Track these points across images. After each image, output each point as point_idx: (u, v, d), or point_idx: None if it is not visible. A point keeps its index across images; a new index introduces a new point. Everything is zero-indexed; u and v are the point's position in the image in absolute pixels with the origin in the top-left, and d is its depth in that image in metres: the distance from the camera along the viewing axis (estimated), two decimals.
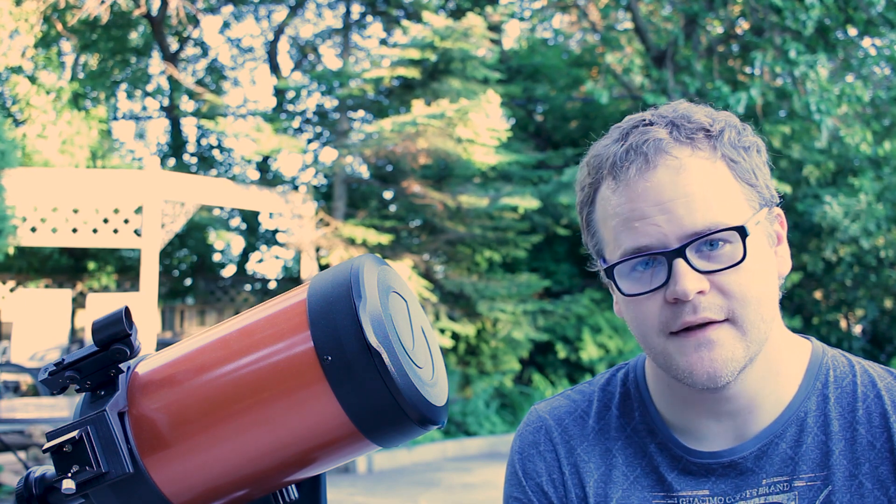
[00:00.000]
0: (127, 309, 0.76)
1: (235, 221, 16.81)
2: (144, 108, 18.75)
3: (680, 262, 0.97)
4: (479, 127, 9.54)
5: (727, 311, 0.99)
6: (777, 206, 1.08)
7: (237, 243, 17.74)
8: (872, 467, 1.02)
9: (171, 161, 16.22)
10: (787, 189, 10.85)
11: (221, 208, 15.40)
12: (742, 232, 0.98)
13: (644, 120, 1.05)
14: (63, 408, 5.94)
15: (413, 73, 9.92)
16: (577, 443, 1.15)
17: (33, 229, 9.41)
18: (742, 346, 1.00)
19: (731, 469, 1.06)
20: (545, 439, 1.17)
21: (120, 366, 0.77)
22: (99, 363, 0.77)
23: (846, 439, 1.04)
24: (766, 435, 1.06)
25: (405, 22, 11.35)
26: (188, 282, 16.11)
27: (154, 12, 14.41)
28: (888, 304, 12.52)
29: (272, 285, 15.43)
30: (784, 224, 1.09)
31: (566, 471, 1.14)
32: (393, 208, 11.47)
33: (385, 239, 9.85)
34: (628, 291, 1.02)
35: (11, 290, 12.09)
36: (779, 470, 1.05)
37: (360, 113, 11.89)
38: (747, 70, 12.12)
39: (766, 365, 1.05)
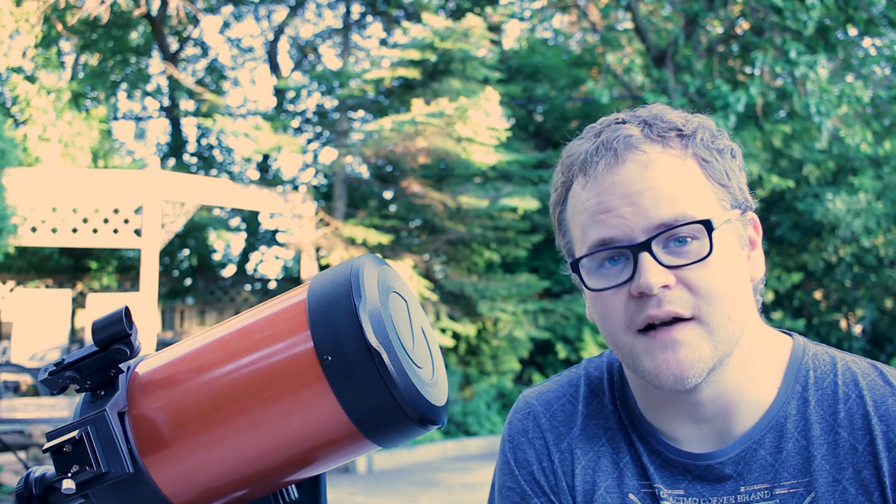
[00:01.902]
0: (127, 309, 0.76)
1: (235, 221, 16.82)
2: (144, 108, 18.78)
3: (645, 256, 0.96)
4: (479, 125, 9.55)
5: (693, 308, 0.97)
6: (752, 210, 1.06)
7: (237, 243, 17.75)
8: (855, 472, 1.00)
9: (171, 161, 16.22)
10: (790, 184, 10.83)
11: (221, 208, 15.40)
12: (708, 225, 0.97)
13: (617, 119, 1.06)
14: (63, 408, 5.94)
15: (413, 73, 9.93)
16: (565, 429, 1.14)
17: (33, 229, 9.41)
18: (709, 346, 0.98)
19: (708, 472, 1.04)
20: (533, 426, 1.15)
21: (120, 366, 0.77)
22: (99, 363, 0.77)
23: (828, 443, 1.02)
24: (744, 441, 1.04)
25: (405, 22, 11.36)
26: (188, 282, 16.12)
27: (154, 12, 14.42)
28: (888, 304, 12.52)
29: (272, 285, 15.43)
30: (759, 229, 1.08)
31: (555, 458, 1.12)
32: (393, 208, 11.47)
33: (385, 239, 9.85)
34: (594, 287, 1.01)
35: (11, 290, 12.09)
36: (759, 477, 1.02)
37: (360, 113, 11.90)
38: (747, 70, 12.12)
39: (741, 367, 1.03)
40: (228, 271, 17.67)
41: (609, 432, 1.12)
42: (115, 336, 0.76)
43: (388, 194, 11.87)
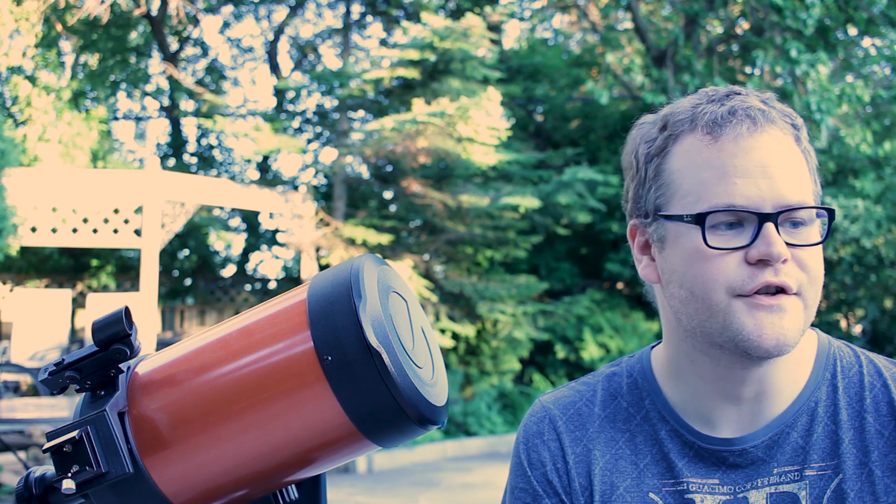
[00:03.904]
0: (127, 309, 0.76)
1: (235, 221, 16.81)
2: (144, 108, 18.76)
3: (771, 226, 0.99)
4: (480, 125, 9.55)
5: (799, 285, 1.01)
6: None
7: (237, 243, 17.74)
8: (881, 455, 1.04)
9: (171, 161, 16.22)
10: None
11: (221, 208, 15.39)
12: (832, 215, 1.03)
13: (737, 91, 1.07)
14: (63, 408, 5.93)
15: (413, 73, 9.93)
16: (581, 432, 1.15)
17: (33, 229, 9.41)
18: (803, 320, 1.01)
19: (742, 458, 1.07)
20: (549, 428, 1.17)
21: (120, 366, 0.77)
22: (99, 363, 0.77)
23: (855, 428, 1.06)
24: (777, 424, 1.07)
25: (405, 22, 11.35)
26: (188, 282, 16.11)
27: (154, 12, 14.41)
28: (888, 304, 12.52)
29: (272, 285, 15.42)
30: None
31: (570, 459, 1.14)
32: (393, 208, 11.47)
33: (385, 239, 9.85)
34: (714, 245, 1.01)
35: (11, 291, 12.09)
36: (790, 459, 1.06)
37: (360, 113, 11.90)
38: (747, 70, 12.12)
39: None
40: (228, 271, 17.66)
41: (627, 434, 1.14)
42: (115, 336, 0.76)
43: (388, 194, 11.87)
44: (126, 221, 9.53)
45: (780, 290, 1.00)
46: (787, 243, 1.00)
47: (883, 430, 1.05)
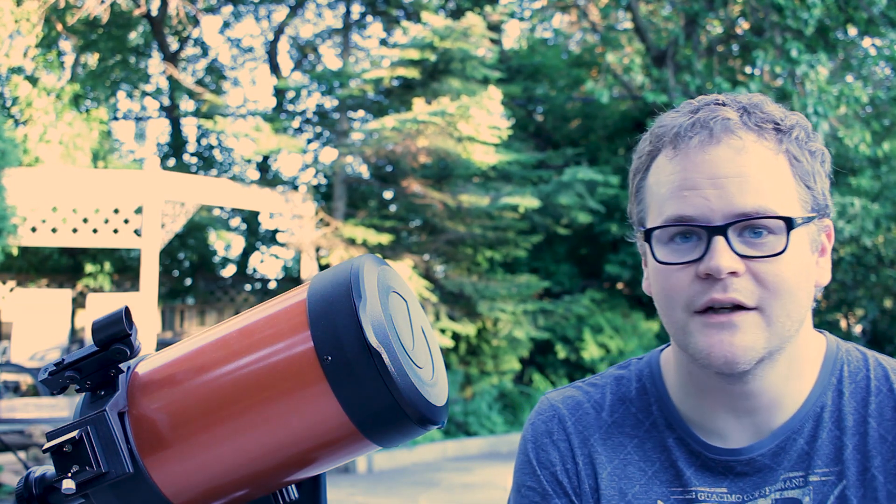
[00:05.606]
0: (127, 309, 0.76)
1: (235, 221, 16.81)
2: (144, 108, 18.76)
3: (719, 240, 0.97)
4: (481, 124, 9.55)
5: (757, 299, 0.98)
6: (828, 218, 1.08)
7: (237, 243, 17.74)
8: (884, 461, 1.03)
9: (171, 161, 16.22)
10: None
11: (221, 208, 15.39)
12: (788, 223, 0.98)
13: (717, 100, 1.05)
14: (63, 408, 5.93)
15: (413, 73, 9.93)
16: (590, 433, 1.14)
17: (33, 229, 9.41)
18: (764, 336, 0.99)
19: (750, 466, 1.06)
20: (559, 428, 1.15)
21: (120, 366, 0.77)
22: (99, 363, 0.77)
23: (859, 434, 1.04)
24: (784, 431, 1.06)
25: (405, 22, 11.36)
26: (188, 282, 16.10)
27: (154, 12, 14.42)
28: (888, 303, 12.52)
29: (272, 285, 15.42)
30: (831, 238, 1.09)
31: (580, 461, 1.13)
32: (393, 208, 11.47)
33: (385, 239, 9.85)
34: (663, 259, 1.01)
35: (11, 291, 12.08)
36: (795, 465, 1.05)
37: (360, 113, 11.90)
38: (748, 70, 12.13)
39: (788, 365, 1.05)
40: (228, 271, 17.66)
41: (636, 440, 1.13)
42: (115, 336, 0.76)
43: (388, 194, 11.87)
44: (126, 221, 9.53)
45: (738, 307, 0.98)
46: (744, 255, 0.97)
47: (886, 436, 1.03)
